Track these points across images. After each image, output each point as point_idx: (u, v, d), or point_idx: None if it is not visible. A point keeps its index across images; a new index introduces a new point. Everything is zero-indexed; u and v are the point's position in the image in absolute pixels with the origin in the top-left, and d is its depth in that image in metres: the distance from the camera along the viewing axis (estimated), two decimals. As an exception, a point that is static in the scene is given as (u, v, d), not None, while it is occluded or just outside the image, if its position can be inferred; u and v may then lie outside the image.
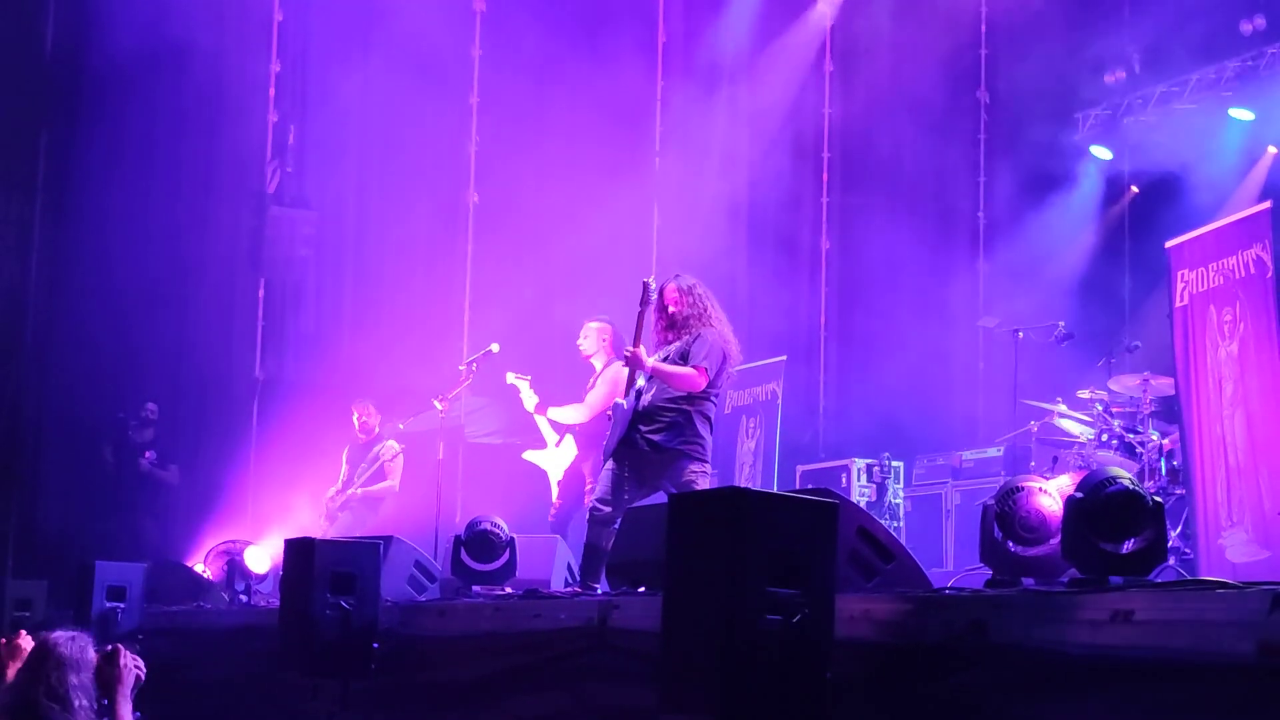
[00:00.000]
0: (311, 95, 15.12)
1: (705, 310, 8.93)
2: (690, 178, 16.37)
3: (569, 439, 10.72)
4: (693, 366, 8.69)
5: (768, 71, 16.77)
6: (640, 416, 8.67)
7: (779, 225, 16.69)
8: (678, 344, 8.80)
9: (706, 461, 8.81)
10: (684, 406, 8.72)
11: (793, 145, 16.81)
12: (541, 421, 10.84)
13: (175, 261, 14.67)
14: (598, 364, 10.70)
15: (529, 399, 10.80)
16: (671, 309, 8.91)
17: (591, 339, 10.68)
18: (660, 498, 8.24)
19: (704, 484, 8.70)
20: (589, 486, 10.28)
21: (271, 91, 15.04)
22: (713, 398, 8.90)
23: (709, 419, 8.88)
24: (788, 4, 16.92)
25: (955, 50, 16.72)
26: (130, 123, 14.50)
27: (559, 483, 10.70)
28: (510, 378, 10.93)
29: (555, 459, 10.73)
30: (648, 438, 8.66)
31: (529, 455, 10.94)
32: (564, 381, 11.31)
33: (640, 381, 8.72)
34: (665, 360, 8.73)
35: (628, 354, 8.71)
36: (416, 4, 14.97)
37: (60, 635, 5.77)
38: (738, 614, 4.61)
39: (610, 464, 8.78)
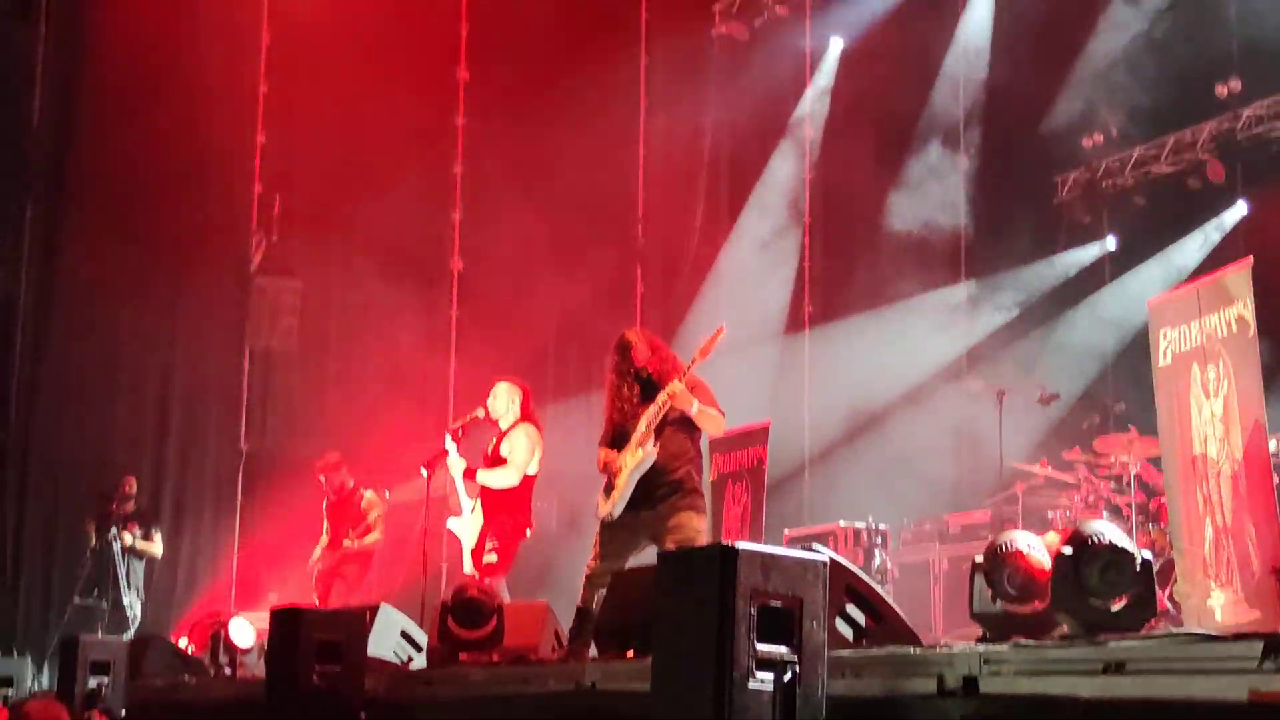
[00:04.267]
0: (296, 166, 15.16)
1: (675, 360, 8.83)
2: (671, 250, 16.47)
3: (478, 504, 10.57)
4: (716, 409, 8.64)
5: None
6: (647, 474, 8.59)
7: (762, 290, 16.75)
8: (680, 386, 8.62)
9: (705, 514, 8.77)
10: (688, 463, 8.66)
11: (779, 210, 16.88)
12: (462, 487, 10.64)
13: (160, 332, 14.70)
14: (504, 424, 10.53)
15: (457, 463, 10.61)
16: (648, 371, 8.78)
17: (502, 399, 10.54)
18: (650, 557, 8.16)
19: (704, 540, 8.63)
20: (489, 550, 10.16)
21: (257, 162, 15.10)
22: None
23: (703, 470, 8.88)
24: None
25: (935, 109, 16.86)
26: (116, 195, 14.53)
27: (471, 550, 10.49)
28: (447, 440, 10.69)
29: (470, 527, 10.56)
30: (655, 495, 8.57)
31: (451, 524, 10.72)
32: (555, 444, 11.21)
33: (634, 442, 8.63)
34: (664, 419, 8.61)
35: (670, 395, 8.52)
36: (401, 74, 15.06)
37: (34, 704, 5.73)
38: (728, 672, 4.59)
39: (604, 527, 8.72)
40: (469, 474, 10.44)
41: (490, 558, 10.14)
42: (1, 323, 14.25)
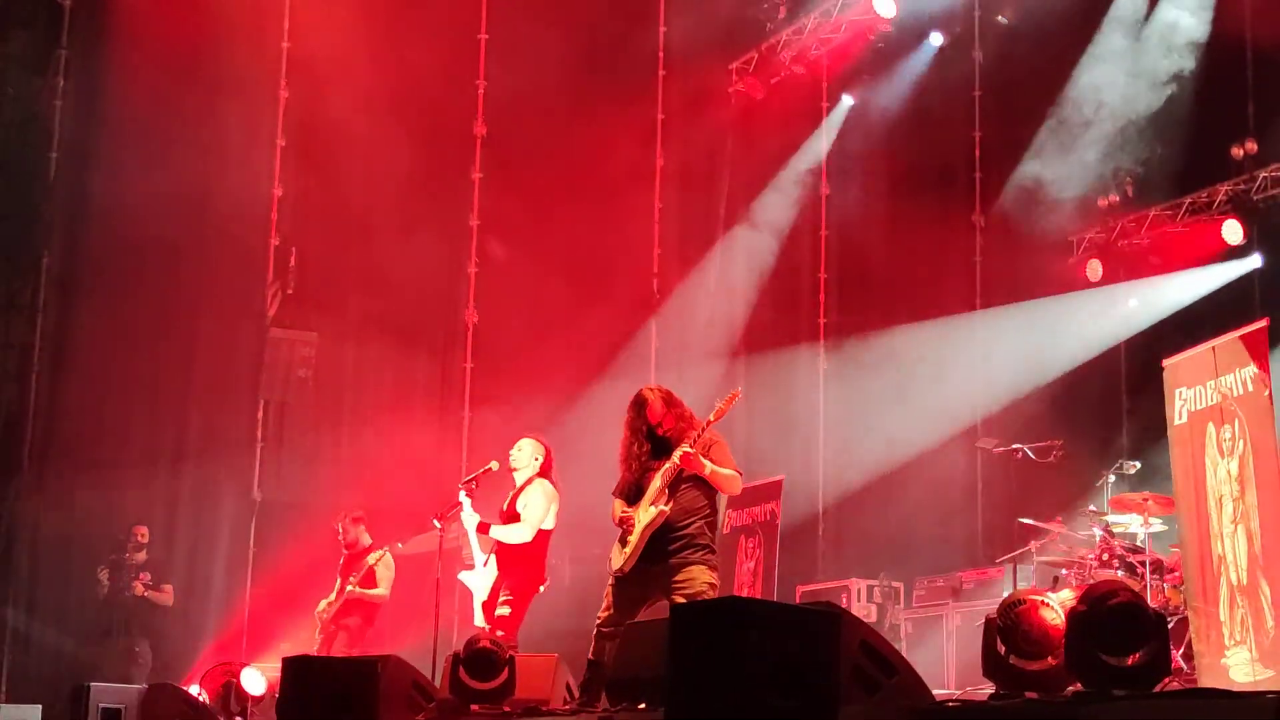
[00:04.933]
0: (313, 218, 15.22)
1: (692, 419, 8.87)
2: (688, 307, 16.52)
3: (492, 558, 10.58)
4: (733, 470, 8.70)
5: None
6: (660, 530, 8.61)
7: (777, 343, 16.77)
8: (692, 449, 8.62)
9: (717, 570, 8.78)
10: (701, 520, 8.69)
11: (784, 270, 16.93)
12: (475, 541, 10.64)
13: (174, 383, 14.73)
14: (519, 479, 10.52)
15: (471, 518, 10.62)
16: (662, 428, 8.83)
17: (526, 453, 10.54)
18: (663, 611, 8.16)
19: (713, 595, 8.63)
20: (503, 603, 10.16)
21: (273, 214, 15.17)
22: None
23: (717, 527, 8.88)
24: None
25: (949, 171, 16.91)
26: (132, 246, 14.59)
27: (483, 604, 10.49)
28: (461, 494, 10.71)
29: (483, 580, 10.55)
30: (667, 550, 8.58)
31: (463, 576, 10.73)
32: (566, 497, 11.20)
33: (647, 498, 8.65)
34: (679, 476, 8.64)
35: (682, 456, 8.56)
36: (417, 129, 15.16)
37: None
38: (740, 726, 4.58)
39: (617, 580, 8.72)
40: (483, 529, 10.45)
41: (503, 610, 10.14)
42: (17, 372, 14.30)
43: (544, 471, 10.52)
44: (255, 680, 10.39)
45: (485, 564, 10.46)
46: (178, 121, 14.67)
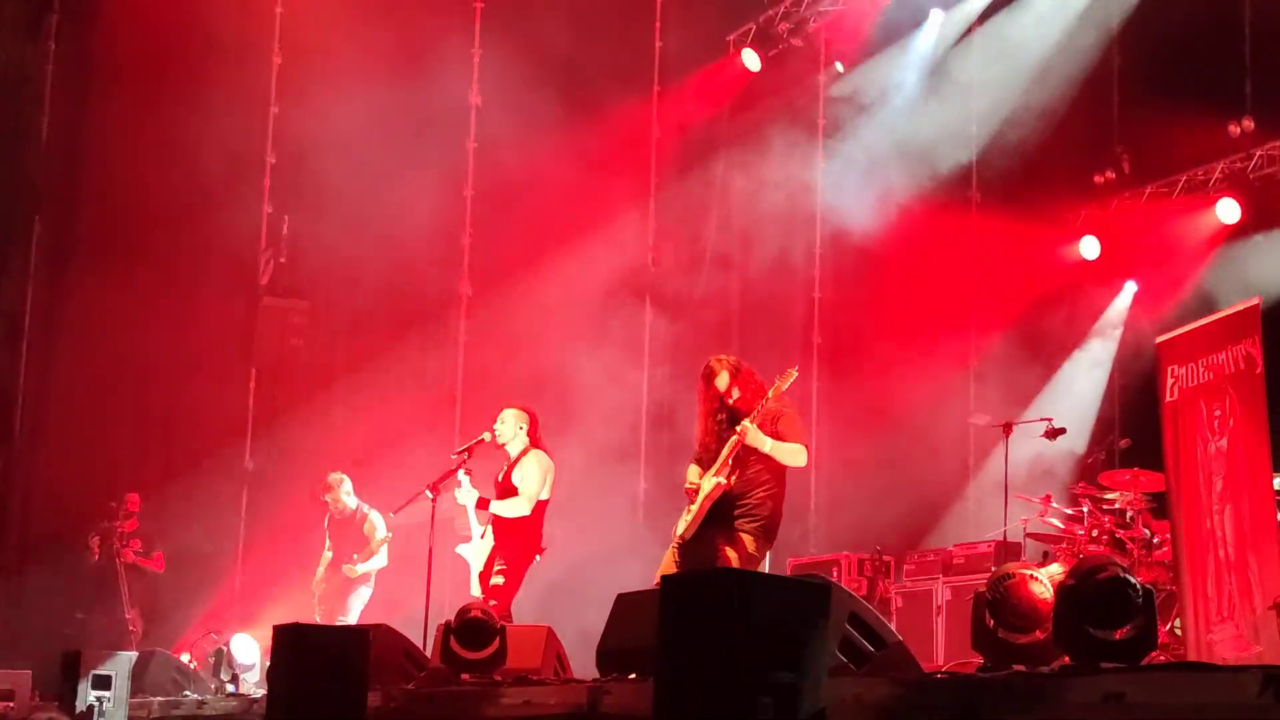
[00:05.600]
0: (305, 186, 15.19)
1: (757, 391, 8.96)
2: (683, 274, 16.49)
3: (489, 530, 10.54)
4: (800, 444, 8.83)
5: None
6: (722, 500, 8.74)
7: (772, 320, 16.75)
8: (751, 425, 8.76)
9: (764, 541, 8.87)
10: (763, 491, 8.81)
11: (790, 244, 16.91)
12: (472, 515, 10.64)
13: (166, 351, 14.71)
14: (513, 451, 10.55)
15: (469, 493, 10.57)
16: (731, 396, 8.94)
17: (510, 424, 10.54)
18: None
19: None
20: (497, 572, 10.21)
21: (266, 183, 15.14)
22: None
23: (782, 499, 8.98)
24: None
25: (945, 150, 16.88)
26: (123, 213, 14.57)
27: (480, 574, 10.51)
28: (460, 472, 10.70)
29: (479, 552, 10.58)
30: (726, 519, 8.74)
31: (461, 549, 10.74)
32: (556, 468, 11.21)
33: (708, 474, 8.78)
34: (744, 450, 8.75)
35: (740, 431, 8.70)
36: (412, 97, 15.10)
37: (39, 716, 5.73)
38: (731, 697, 4.59)
39: (676, 550, 8.87)
40: (482, 504, 10.47)
41: (497, 579, 10.16)
42: (8, 339, 14.29)
43: (534, 440, 10.52)
44: (246, 648, 10.42)
45: (482, 536, 10.48)
46: (170, 87, 14.64)
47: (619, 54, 16.44)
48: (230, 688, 10.31)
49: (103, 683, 9.62)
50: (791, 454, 8.85)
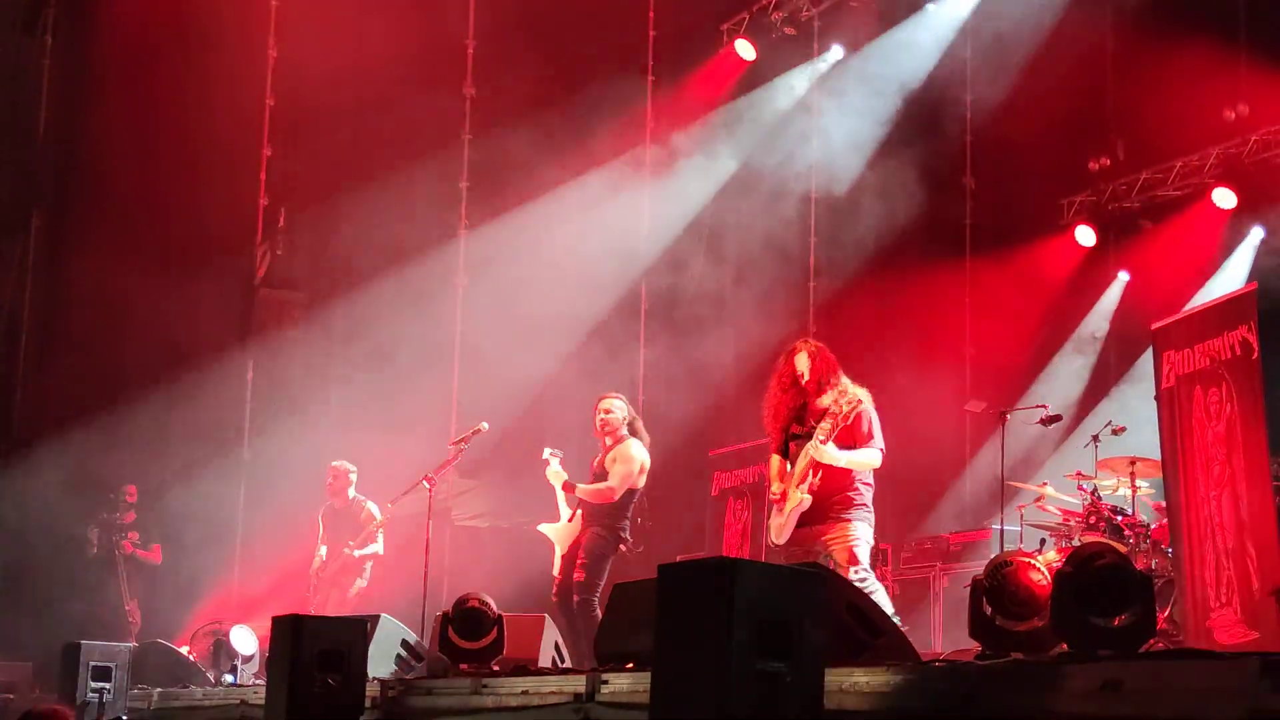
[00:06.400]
0: (302, 178, 15.19)
1: (836, 383, 9.07)
2: (677, 260, 16.48)
3: (578, 514, 10.65)
4: (873, 447, 9.02)
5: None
6: (813, 507, 8.94)
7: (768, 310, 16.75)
8: (826, 422, 8.90)
9: (856, 531, 8.99)
10: (849, 488, 9.01)
11: (786, 224, 16.89)
12: (562, 496, 10.72)
13: (164, 343, 14.70)
14: (611, 440, 10.65)
15: (557, 474, 10.68)
16: (806, 379, 9.08)
17: (620, 413, 10.64)
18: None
19: (862, 552, 8.93)
20: (579, 566, 10.28)
21: (262, 175, 15.13)
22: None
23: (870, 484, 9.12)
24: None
25: (941, 135, 16.86)
26: (121, 205, 14.57)
27: (563, 556, 10.62)
28: (546, 452, 10.80)
29: (565, 533, 10.65)
30: (820, 517, 8.90)
31: (543, 528, 10.84)
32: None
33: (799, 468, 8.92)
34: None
35: (814, 449, 8.90)
36: (407, 89, 15.10)
37: (44, 708, 5.74)
38: (727, 685, 4.60)
39: (774, 550, 9.05)
40: (567, 488, 10.49)
41: (579, 574, 10.22)
42: (6, 331, 14.29)
43: (633, 429, 10.57)
44: (245, 639, 10.43)
45: (570, 519, 10.53)
46: (166, 81, 14.63)
47: (613, 41, 16.42)
48: (229, 679, 10.32)
49: (102, 674, 9.64)
50: (865, 460, 9.07)
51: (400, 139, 15.23)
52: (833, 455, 8.91)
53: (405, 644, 8.92)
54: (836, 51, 17.00)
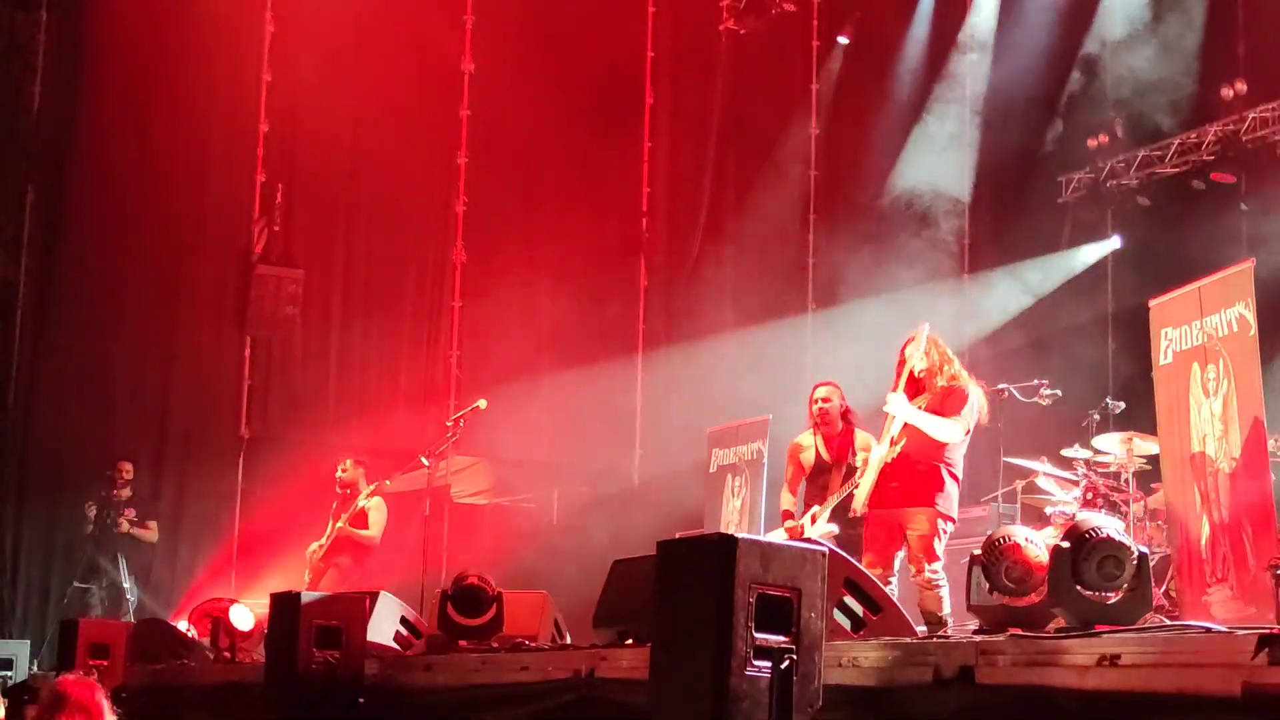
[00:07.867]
0: (299, 155, 15.17)
1: (943, 370, 8.95)
2: (678, 242, 16.47)
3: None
4: (951, 419, 8.75)
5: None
6: (894, 468, 8.76)
7: (767, 287, 16.74)
8: (893, 394, 8.84)
9: (940, 506, 8.76)
10: (934, 459, 8.78)
11: (786, 202, 16.87)
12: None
13: (161, 319, 14.71)
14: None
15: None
16: (915, 367, 8.95)
17: (834, 405, 9.96)
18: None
19: (940, 536, 8.74)
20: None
21: (260, 151, 15.10)
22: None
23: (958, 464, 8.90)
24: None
25: (944, 111, 16.83)
26: (117, 181, 14.55)
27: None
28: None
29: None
30: (901, 493, 8.74)
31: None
32: (552, 436, 11.22)
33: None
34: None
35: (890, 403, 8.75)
36: (404, 65, 15.08)
37: (68, 680, 5.71)
38: (726, 661, 4.61)
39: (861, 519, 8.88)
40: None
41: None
42: (2, 308, 14.26)
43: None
44: (244, 616, 10.42)
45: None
46: (162, 56, 14.60)
47: (611, 20, 16.38)
48: (228, 655, 10.32)
49: (100, 652, 9.65)
50: (939, 428, 8.69)
51: (398, 113, 15.21)
52: (902, 407, 8.72)
53: (404, 620, 8.93)
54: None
